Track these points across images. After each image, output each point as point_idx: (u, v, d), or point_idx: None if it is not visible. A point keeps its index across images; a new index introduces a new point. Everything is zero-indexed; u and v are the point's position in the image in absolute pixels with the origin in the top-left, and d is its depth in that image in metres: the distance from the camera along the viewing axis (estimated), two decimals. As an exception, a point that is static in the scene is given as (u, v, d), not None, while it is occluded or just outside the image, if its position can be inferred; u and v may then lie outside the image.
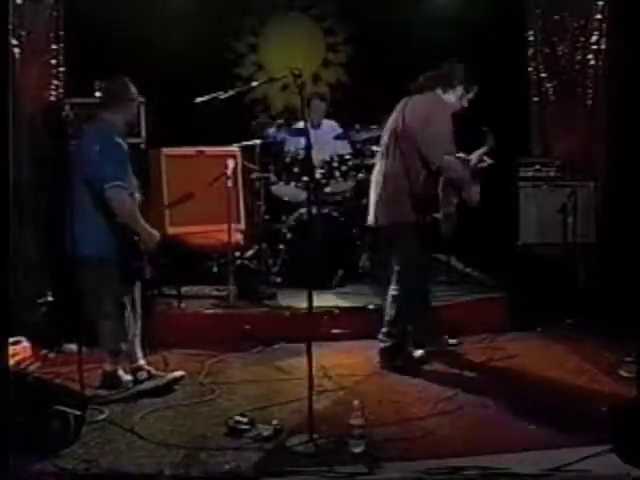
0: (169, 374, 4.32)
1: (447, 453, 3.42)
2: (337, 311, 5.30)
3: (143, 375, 4.27)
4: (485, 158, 4.56)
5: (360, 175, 6.01)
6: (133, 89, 4.25)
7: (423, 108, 4.46)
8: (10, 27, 4.78)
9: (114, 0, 6.15)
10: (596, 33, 6.14)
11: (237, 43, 7.37)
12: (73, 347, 4.45)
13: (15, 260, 4.96)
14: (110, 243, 4.06)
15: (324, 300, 5.45)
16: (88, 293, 4.18)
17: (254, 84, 5.88)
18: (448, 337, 5.08)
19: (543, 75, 6.54)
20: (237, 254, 5.90)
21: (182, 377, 4.32)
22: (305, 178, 5.77)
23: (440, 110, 4.42)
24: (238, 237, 5.85)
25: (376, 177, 4.62)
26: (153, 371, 4.33)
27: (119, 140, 4.08)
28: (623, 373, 4.41)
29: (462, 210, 6.31)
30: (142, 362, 4.34)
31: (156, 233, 4.20)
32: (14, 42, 5.01)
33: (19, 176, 5.07)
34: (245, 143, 6.16)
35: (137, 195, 4.24)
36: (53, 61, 5.59)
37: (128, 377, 4.30)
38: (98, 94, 5.60)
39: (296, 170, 5.92)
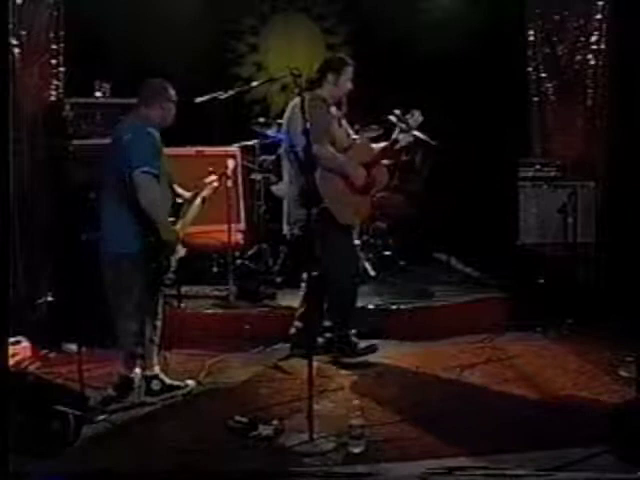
0: (185, 385, 4.26)
1: (447, 453, 3.42)
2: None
3: (157, 386, 4.15)
4: (401, 137, 4.70)
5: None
6: (172, 91, 4.22)
7: (290, 110, 4.72)
8: (10, 27, 4.80)
9: (114, 0, 6.15)
10: (596, 33, 6.14)
11: (237, 43, 7.37)
12: (73, 347, 4.44)
13: (15, 260, 4.97)
14: (136, 239, 3.97)
15: (324, 300, 5.45)
16: (111, 291, 4.08)
17: (254, 84, 5.90)
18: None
19: (543, 75, 6.53)
20: (237, 254, 5.90)
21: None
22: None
23: (292, 114, 4.64)
24: (238, 237, 5.85)
25: None
26: (168, 381, 4.22)
27: (152, 130, 4.03)
28: (623, 373, 4.41)
29: (462, 210, 6.36)
30: (157, 370, 4.23)
31: (176, 230, 4.12)
32: (14, 42, 5.01)
33: (19, 176, 5.07)
34: (245, 143, 6.16)
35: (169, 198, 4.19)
36: (53, 61, 5.58)
37: (141, 384, 4.20)
38: (98, 94, 5.64)
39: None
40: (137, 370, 4.18)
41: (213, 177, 4.62)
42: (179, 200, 4.34)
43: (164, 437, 3.66)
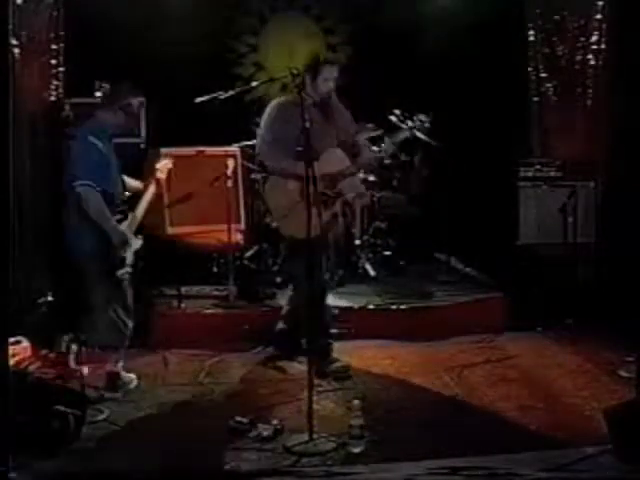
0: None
1: (447, 453, 3.42)
2: (337, 311, 5.29)
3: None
4: (384, 150, 4.60)
5: (360, 175, 5.99)
6: (134, 93, 4.28)
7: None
8: (10, 27, 4.79)
9: (114, 0, 6.15)
10: (596, 33, 6.14)
11: (237, 43, 7.36)
12: (73, 347, 4.44)
13: (15, 260, 4.97)
14: (90, 240, 4.10)
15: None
16: (80, 291, 4.24)
17: (254, 84, 5.89)
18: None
19: (543, 75, 6.53)
20: (237, 254, 5.90)
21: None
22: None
23: (266, 114, 4.57)
24: (238, 237, 5.84)
25: None
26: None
27: (94, 140, 4.11)
28: (623, 373, 4.41)
29: (462, 210, 6.36)
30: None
31: (125, 233, 4.20)
32: (14, 42, 5.00)
33: (19, 176, 5.07)
34: (245, 143, 6.16)
35: (121, 193, 4.29)
36: (53, 61, 5.59)
37: (131, 376, 4.32)
38: (98, 94, 5.63)
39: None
40: (120, 364, 4.26)
41: (165, 161, 4.70)
42: (128, 193, 4.42)
43: (164, 437, 3.66)
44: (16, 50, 5.06)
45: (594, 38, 6.15)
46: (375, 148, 4.62)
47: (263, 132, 4.54)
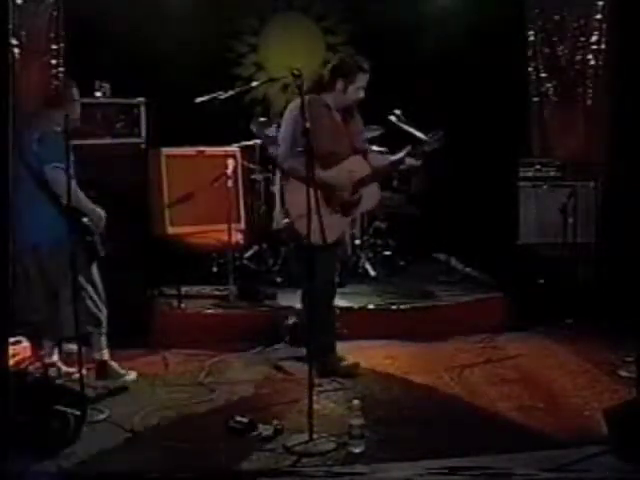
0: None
1: (447, 453, 3.42)
2: (337, 311, 5.29)
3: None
4: (408, 160, 4.47)
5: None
6: (75, 91, 4.30)
7: (287, 111, 4.47)
8: (10, 27, 4.79)
9: (114, 0, 6.15)
10: (596, 33, 6.14)
11: (237, 43, 7.36)
12: (73, 347, 4.44)
13: (15, 260, 4.96)
14: (59, 227, 4.02)
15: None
16: (46, 282, 4.21)
17: (254, 84, 5.91)
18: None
19: (543, 75, 6.53)
20: (237, 254, 5.90)
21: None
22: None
23: (287, 115, 4.42)
24: (238, 237, 5.85)
25: None
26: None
27: (57, 129, 4.10)
28: (623, 373, 4.41)
29: (462, 210, 6.36)
30: (106, 355, 4.30)
31: (101, 211, 4.22)
32: (14, 42, 5.00)
33: (19, 176, 5.05)
34: (245, 143, 6.16)
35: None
36: (53, 61, 5.59)
37: (121, 370, 4.31)
38: (98, 94, 5.64)
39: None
40: (105, 351, 4.27)
41: None
42: None
43: (164, 437, 3.66)
44: (16, 50, 5.06)
45: (594, 38, 6.16)
46: (393, 157, 4.53)
47: (284, 134, 4.37)
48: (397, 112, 4.69)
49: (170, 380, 4.47)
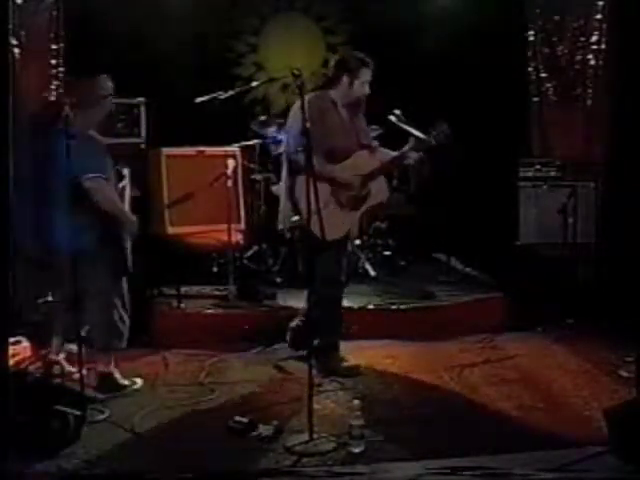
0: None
1: (447, 453, 3.42)
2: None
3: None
4: (412, 155, 4.53)
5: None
6: (107, 87, 4.23)
7: (292, 110, 4.48)
8: (10, 27, 4.79)
9: (114, 0, 6.15)
10: (596, 33, 6.15)
11: (237, 43, 7.37)
12: (73, 347, 4.44)
13: (15, 260, 4.96)
14: (92, 238, 4.01)
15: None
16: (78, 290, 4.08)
17: (254, 84, 5.91)
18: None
19: (543, 75, 6.54)
20: (237, 254, 5.90)
21: None
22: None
23: (291, 114, 4.45)
24: (238, 237, 5.85)
25: None
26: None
27: (94, 133, 4.08)
28: (623, 373, 4.40)
29: (462, 210, 6.36)
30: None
31: (135, 218, 4.18)
32: (14, 42, 5.01)
33: (19, 176, 5.05)
34: (245, 143, 6.16)
35: (121, 186, 4.26)
36: (53, 61, 5.59)
37: (125, 381, 4.26)
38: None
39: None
40: (112, 364, 4.22)
41: None
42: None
43: (164, 437, 3.66)
44: (16, 50, 5.06)
45: (594, 38, 6.16)
46: (395, 153, 4.55)
47: (295, 131, 4.29)
48: (397, 112, 4.69)
49: (170, 380, 4.47)
